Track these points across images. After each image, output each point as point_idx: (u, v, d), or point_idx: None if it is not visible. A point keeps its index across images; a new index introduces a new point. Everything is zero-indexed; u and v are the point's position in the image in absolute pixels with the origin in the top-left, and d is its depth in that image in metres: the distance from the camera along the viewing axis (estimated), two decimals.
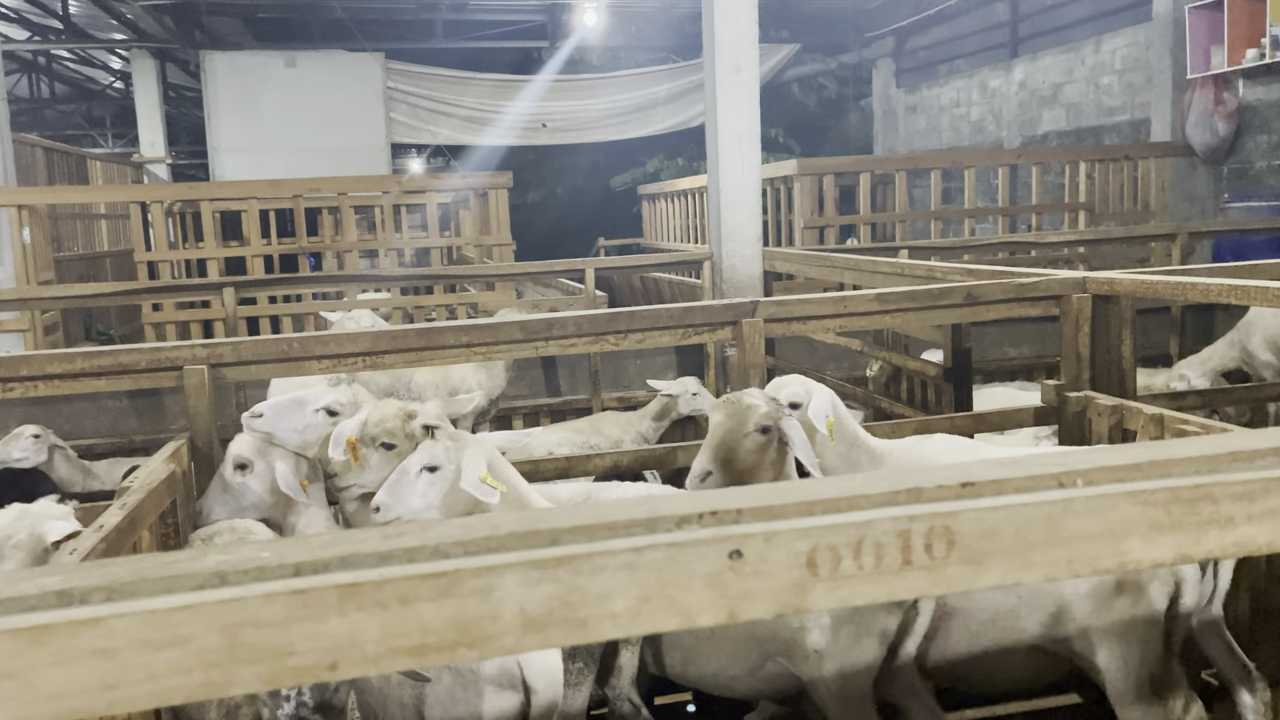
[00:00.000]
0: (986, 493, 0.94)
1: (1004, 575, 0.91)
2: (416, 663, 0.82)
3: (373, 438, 2.91)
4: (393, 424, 2.90)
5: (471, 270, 7.83)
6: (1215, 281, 3.06)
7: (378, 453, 2.91)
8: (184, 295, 7.37)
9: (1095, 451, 1.01)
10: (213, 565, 0.83)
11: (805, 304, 3.41)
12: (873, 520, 0.89)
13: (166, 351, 3.01)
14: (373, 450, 2.91)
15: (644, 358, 6.83)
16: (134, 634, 0.78)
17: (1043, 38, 12.97)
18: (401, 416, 2.91)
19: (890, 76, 16.18)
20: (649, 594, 0.85)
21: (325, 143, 14.11)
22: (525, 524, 0.88)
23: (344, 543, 0.87)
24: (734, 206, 6.64)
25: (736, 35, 6.48)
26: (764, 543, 0.87)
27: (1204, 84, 9.46)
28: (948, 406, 4.49)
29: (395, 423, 2.91)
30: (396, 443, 2.89)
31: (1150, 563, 0.94)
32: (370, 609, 0.81)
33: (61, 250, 10.06)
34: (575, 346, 3.23)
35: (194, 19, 14.41)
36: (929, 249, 7.36)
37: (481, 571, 0.83)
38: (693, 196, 11.07)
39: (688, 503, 0.92)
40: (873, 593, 0.89)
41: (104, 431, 6.15)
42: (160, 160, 15.01)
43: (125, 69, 17.15)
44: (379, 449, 2.91)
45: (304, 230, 8.65)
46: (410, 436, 2.89)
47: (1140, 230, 8.15)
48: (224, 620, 0.79)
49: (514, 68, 16.56)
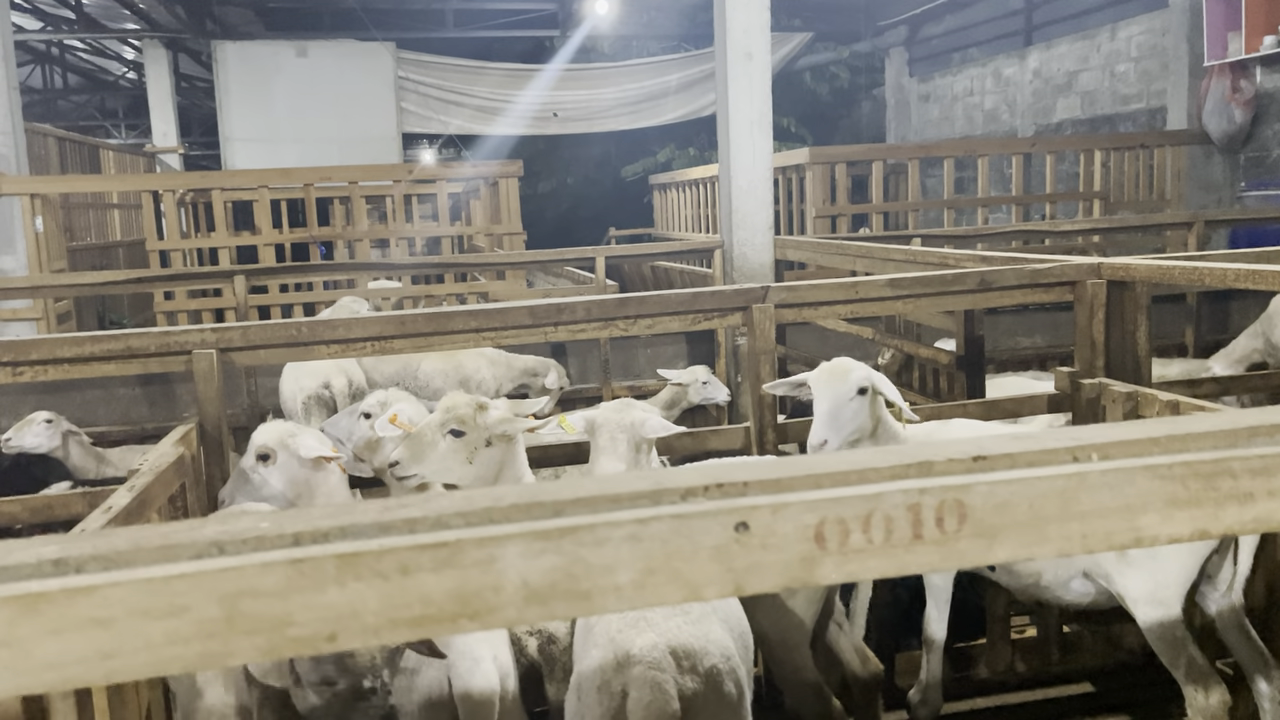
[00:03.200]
0: (999, 466, 0.92)
1: (1017, 549, 0.90)
2: (417, 634, 0.80)
3: (443, 424, 2.99)
4: (464, 411, 2.99)
5: (482, 259, 7.83)
6: (1232, 266, 3.03)
7: (445, 440, 2.98)
8: (196, 283, 7.38)
9: (1110, 427, 0.99)
10: (211, 535, 0.82)
11: (817, 289, 3.38)
12: (882, 493, 0.87)
13: (175, 336, 3.01)
14: (441, 437, 2.98)
15: (654, 346, 6.82)
16: (131, 603, 0.77)
17: (1057, 25, 12.86)
18: (474, 406, 3.01)
19: (903, 65, 16.08)
20: (653, 566, 0.83)
21: (336, 133, 14.12)
22: (528, 495, 0.87)
23: (344, 513, 0.85)
24: (745, 194, 6.61)
25: (748, 21, 6.44)
26: (771, 515, 0.85)
27: (1221, 71, 9.36)
28: (960, 395, 4.46)
29: (467, 410, 2.99)
30: (466, 430, 2.97)
31: (1167, 538, 0.92)
32: (369, 579, 0.80)
33: (75, 240, 10.09)
34: (585, 332, 3.22)
35: (205, 9, 14.43)
36: (942, 237, 7.31)
37: (483, 542, 0.81)
38: (704, 186, 11.03)
39: (693, 475, 0.90)
40: (882, 567, 0.87)
41: (116, 419, 6.18)
42: (173, 150, 15.04)
43: (138, 59, 17.19)
44: (447, 436, 2.98)
45: (315, 219, 8.65)
46: (480, 427, 2.98)
47: (1156, 219, 8.08)
48: (222, 590, 0.78)
49: (525, 57, 16.52)
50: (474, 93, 15.21)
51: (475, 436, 2.97)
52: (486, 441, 2.98)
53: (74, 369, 2.97)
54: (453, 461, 2.96)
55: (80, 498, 3.07)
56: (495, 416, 3.00)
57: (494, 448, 3.00)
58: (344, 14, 14.64)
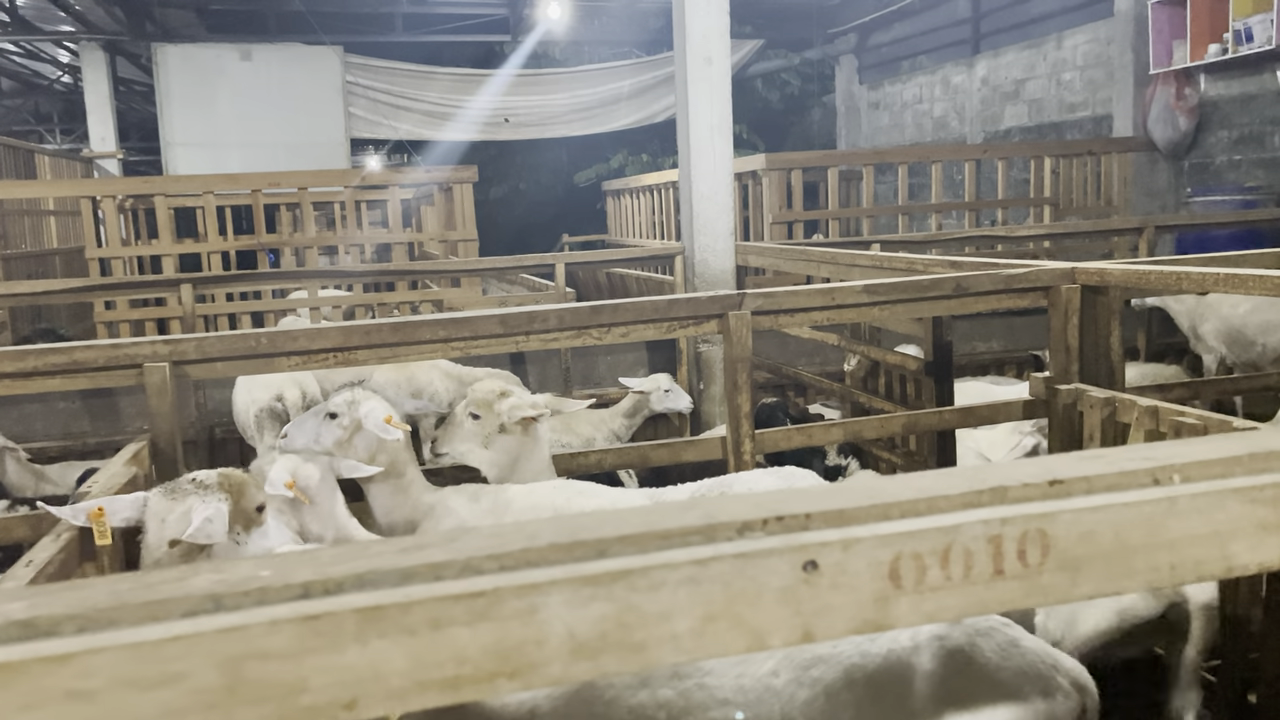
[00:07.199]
0: (1076, 491, 0.84)
1: (1102, 583, 0.82)
2: (450, 697, 0.70)
3: (465, 406, 3.33)
4: (481, 396, 3.31)
5: (437, 265, 7.67)
6: (1209, 271, 3.01)
7: (468, 422, 3.29)
8: (139, 292, 7.13)
9: (1185, 445, 0.91)
10: (205, 586, 0.71)
11: (794, 295, 3.31)
12: (960, 525, 0.79)
13: (126, 349, 2.84)
14: (466, 419, 3.29)
15: (615, 354, 6.72)
16: (115, 672, 0.65)
17: (1005, 34, 13.03)
18: (495, 394, 3.31)
19: (853, 73, 16.19)
20: (714, 613, 0.74)
21: (282, 138, 13.81)
22: (567, 533, 0.77)
23: (357, 558, 0.75)
24: (706, 200, 6.54)
25: (708, 26, 6.38)
26: (842, 552, 0.76)
27: (1166, 79, 9.53)
28: (928, 401, 4.43)
29: (485, 395, 3.30)
30: (482, 414, 3.28)
31: (1257, 566, 0.85)
32: (395, 636, 0.69)
33: (8, 248, 9.73)
34: (558, 341, 3.11)
35: (145, 10, 14.03)
36: (899, 243, 7.32)
37: (524, 590, 0.71)
38: (659, 192, 10.96)
39: (746, 506, 0.81)
40: (961, 605, 0.79)
41: (55, 434, 5.92)
42: (111, 155, 14.59)
43: (74, 63, 16.67)
44: (468, 419, 3.29)
45: (263, 226, 8.41)
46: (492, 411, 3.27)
47: (1107, 224, 8.20)
48: (223, 653, 0.67)
49: (476, 62, 16.32)
50: (424, 98, 14.99)
51: (490, 421, 3.25)
52: (500, 427, 3.25)
53: (16, 384, 2.80)
54: (473, 443, 3.27)
55: (21, 521, 2.89)
56: (507, 404, 3.25)
57: (508, 435, 3.27)
58: (290, 17, 14.33)
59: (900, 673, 2.00)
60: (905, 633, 2.04)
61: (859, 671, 2.01)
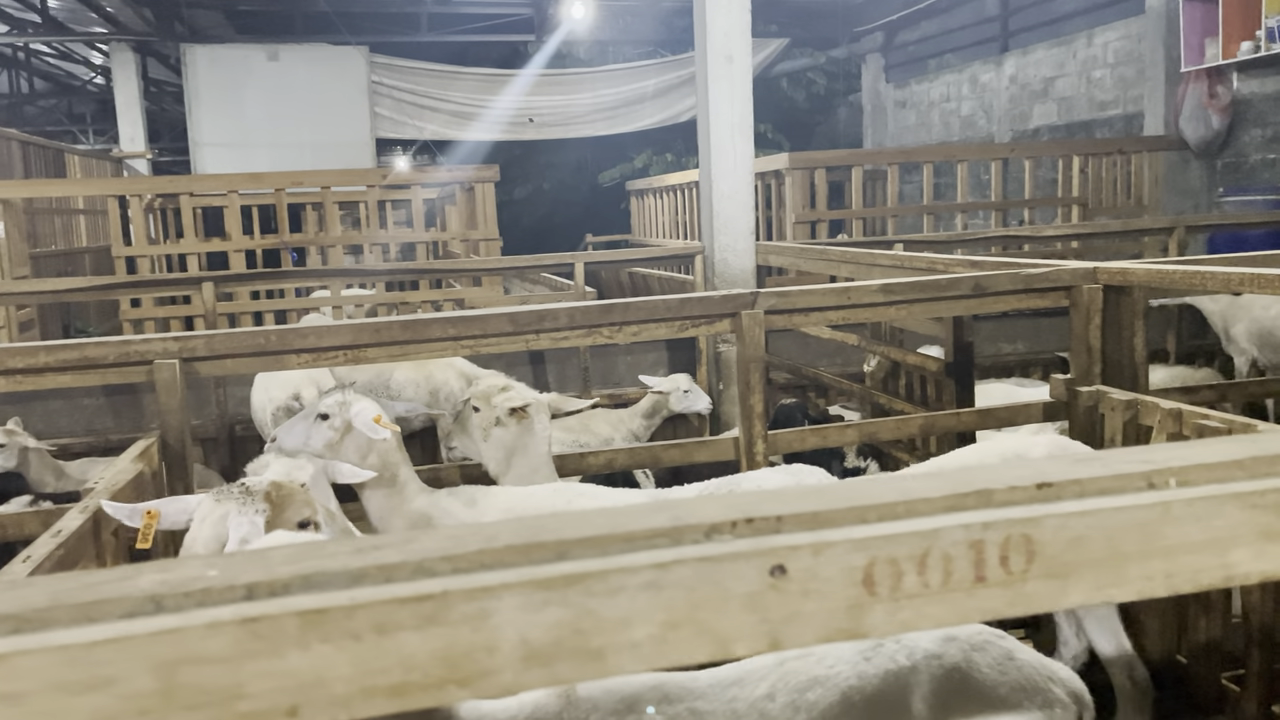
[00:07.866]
0: (1067, 495, 0.80)
1: (1092, 592, 0.78)
2: (396, 704, 0.67)
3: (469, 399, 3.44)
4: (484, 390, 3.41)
5: (457, 265, 7.67)
6: (1233, 270, 2.94)
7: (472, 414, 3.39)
8: (163, 290, 7.18)
9: (1184, 448, 0.87)
10: (146, 587, 0.68)
11: (808, 295, 3.27)
12: (940, 529, 0.75)
13: (136, 345, 2.85)
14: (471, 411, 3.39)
15: (635, 354, 6.68)
16: (46, 675, 0.63)
17: (1034, 31, 12.87)
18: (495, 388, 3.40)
19: (879, 72, 16.06)
20: (676, 619, 0.71)
21: (308, 138, 13.89)
22: (525, 534, 0.73)
23: (309, 558, 0.72)
24: (726, 199, 6.49)
25: (729, 24, 6.33)
26: (813, 556, 0.73)
27: (1198, 77, 9.37)
28: (948, 402, 4.36)
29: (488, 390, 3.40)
30: (481, 407, 3.37)
31: (1259, 576, 0.80)
32: (339, 640, 0.66)
33: (38, 246, 9.84)
34: (568, 339, 3.09)
35: (174, 12, 14.16)
36: (923, 243, 7.24)
37: (474, 593, 0.68)
38: (682, 192, 10.92)
39: (717, 508, 0.78)
40: (940, 614, 0.75)
41: (79, 430, 5.97)
42: (140, 155, 14.74)
43: (105, 64, 16.87)
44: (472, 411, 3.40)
45: (287, 225, 8.45)
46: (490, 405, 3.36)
47: (1136, 224, 8.06)
48: (158, 656, 0.64)
49: (500, 62, 16.36)
50: (449, 98, 15.03)
51: (487, 414, 3.33)
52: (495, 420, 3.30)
53: (28, 380, 2.81)
54: (476, 435, 3.36)
55: (34, 517, 2.90)
56: (502, 396, 3.32)
57: (504, 429, 3.31)
58: (316, 18, 14.42)
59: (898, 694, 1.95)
60: (902, 652, 2.00)
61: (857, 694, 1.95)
